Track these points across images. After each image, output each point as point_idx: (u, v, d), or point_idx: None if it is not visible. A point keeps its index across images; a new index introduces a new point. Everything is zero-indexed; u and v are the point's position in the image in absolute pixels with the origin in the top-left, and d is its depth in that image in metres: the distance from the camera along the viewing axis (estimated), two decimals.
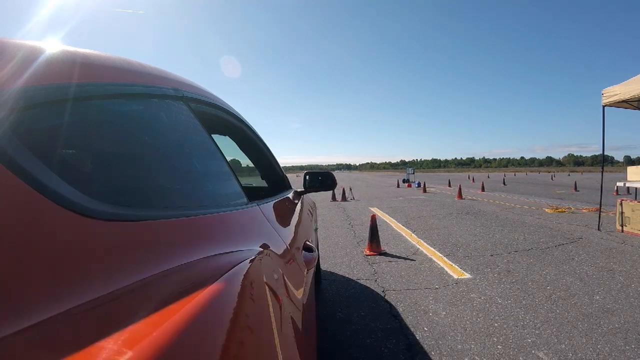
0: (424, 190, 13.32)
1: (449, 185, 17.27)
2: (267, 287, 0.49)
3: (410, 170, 21.03)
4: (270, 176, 1.67)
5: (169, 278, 0.40)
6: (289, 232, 1.06)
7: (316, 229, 2.37)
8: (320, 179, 1.91)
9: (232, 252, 0.55)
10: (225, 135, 1.37)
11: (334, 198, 10.71)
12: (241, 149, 1.50)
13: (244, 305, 0.38)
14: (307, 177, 1.93)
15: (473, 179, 25.40)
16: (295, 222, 1.28)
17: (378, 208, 8.39)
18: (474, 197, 10.53)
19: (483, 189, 13.16)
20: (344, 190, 11.67)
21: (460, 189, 11.04)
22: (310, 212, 2.02)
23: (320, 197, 11.00)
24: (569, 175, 39.49)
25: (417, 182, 17.43)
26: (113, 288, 0.33)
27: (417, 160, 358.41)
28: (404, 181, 19.01)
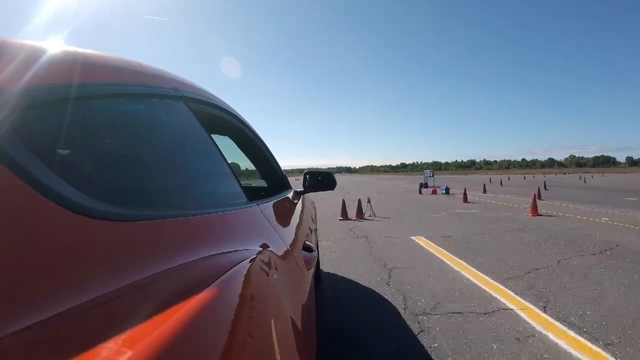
0: (465, 200, 9.35)
1: (484, 192, 12.99)
2: (266, 287, 0.49)
3: (428, 172, 17.96)
4: (270, 176, 1.67)
5: (169, 278, 0.40)
6: (288, 232, 1.06)
7: (316, 229, 2.36)
8: (320, 178, 1.90)
9: (232, 252, 0.55)
10: (225, 135, 1.37)
11: (344, 215, 6.70)
12: (241, 149, 1.50)
13: (243, 305, 0.38)
14: (307, 176, 1.91)
15: (501, 182, 21.72)
16: (295, 222, 1.28)
17: (424, 237, 4.68)
18: (549, 211, 6.98)
19: (539, 197, 9.41)
20: (359, 203, 6.99)
21: (535, 199, 6.79)
22: (310, 212, 2.02)
23: (324, 211, 7.62)
24: (602, 175, 34.85)
25: (444, 187, 13.32)
26: (113, 288, 0.33)
27: (417, 162, 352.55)
28: (424, 186, 15.75)
